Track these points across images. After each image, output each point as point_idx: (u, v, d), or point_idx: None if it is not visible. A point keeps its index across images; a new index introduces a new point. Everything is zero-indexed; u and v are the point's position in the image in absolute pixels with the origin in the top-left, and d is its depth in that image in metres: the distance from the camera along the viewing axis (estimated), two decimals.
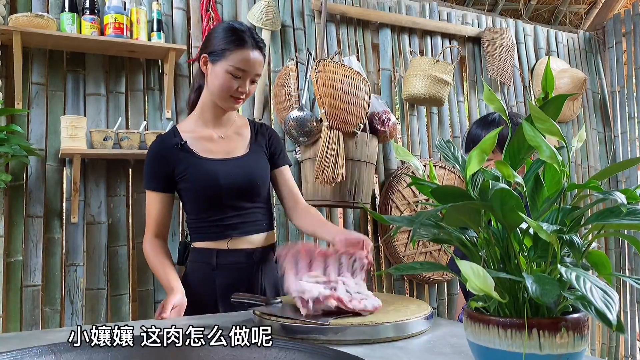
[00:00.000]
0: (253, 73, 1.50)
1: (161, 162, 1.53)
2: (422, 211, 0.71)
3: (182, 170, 1.52)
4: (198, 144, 1.55)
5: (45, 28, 2.00)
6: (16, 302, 1.99)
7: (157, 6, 2.27)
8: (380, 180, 2.81)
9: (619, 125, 3.69)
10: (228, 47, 1.47)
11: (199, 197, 1.53)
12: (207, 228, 1.55)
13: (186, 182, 1.52)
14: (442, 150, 0.82)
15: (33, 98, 2.10)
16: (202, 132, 1.58)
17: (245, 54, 1.47)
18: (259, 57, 1.50)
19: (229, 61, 1.47)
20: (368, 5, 2.95)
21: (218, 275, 1.52)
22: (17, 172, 2.04)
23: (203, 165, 1.51)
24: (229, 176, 1.51)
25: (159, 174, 1.53)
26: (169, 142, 1.55)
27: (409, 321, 0.99)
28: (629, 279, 0.64)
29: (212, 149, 1.56)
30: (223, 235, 1.53)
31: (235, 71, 1.47)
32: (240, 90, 1.50)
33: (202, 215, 1.55)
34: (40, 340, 0.93)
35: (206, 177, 1.50)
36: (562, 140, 0.65)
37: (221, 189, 1.50)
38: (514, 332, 0.62)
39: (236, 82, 1.49)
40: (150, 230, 1.55)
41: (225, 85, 1.49)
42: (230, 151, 1.58)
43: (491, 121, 1.59)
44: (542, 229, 0.60)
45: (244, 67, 1.47)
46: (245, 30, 1.50)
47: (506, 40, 3.17)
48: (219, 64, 1.48)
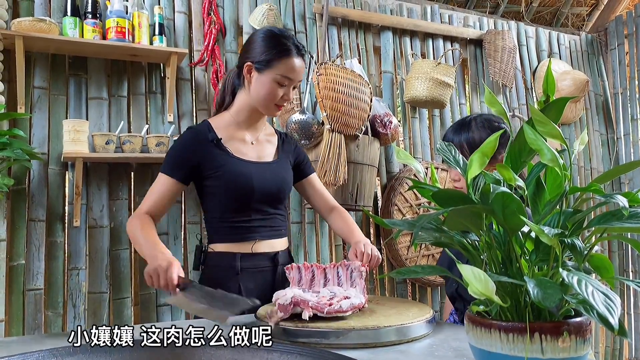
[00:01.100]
0: (297, 80, 1.53)
1: (191, 152, 1.50)
2: (423, 215, 0.70)
3: (215, 167, 1.50)
4: (231, 144, 1.54)
5: (47, 32, 2.00)
6: (18, 306, 1.99)
7: (159, 10, 2.27)
8: (382, 182, 2.81)
9: (622, 127, 3.68)
10: (274, 56, 1.48)
11: (228, 196, 1.51)
12: (230, 229, 1.53)
13: (218, 179, 1.50)
14: (443, 153, 0.82)
15: (35, 102, 2.11)
16: (235, 133, 1.57)
17: (291, 63, 1.49)
18: (302, 64, 1.53)
19: (276, 70, 1.48)
20: (369, 8, 2.95)
21: (242, 279, 1.49)
22: (19, 176, 2.05)
23: (238, 165, 1.51)
24: (261, 180, 1.51)
25: (184, 164, 1.49)
26: (203, 135, 1.53)
27: (410, 325, 0.98)
28: (631, 283, 0.64)
29: (244, 151, 1.55)
30: (247, 238, 1.52)
31: (282, 80, 1.49)
32: (285, 97, 1.53)
33: (226, 216, 1.53)
34: (42, 345, 0.93)
35: (240, 178, 1.49)
36: (564, 143, 0.65)
37: (253, 191, 1.50)
38: (516, 336, 0.62)
39: (281, 90, 1.51)
40: (145, 208, 1.46)
41: (271, 94, 1.50)
42: (261, 156, 1.59)
43: (464, 125, 1.57)
44: (544, 232, 0.60)
45: (290, 75, 1.49)
46: (288, 38, 1.51)
47: (508, 42, 3.16)
48: (266, 73, 1.49)
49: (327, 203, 1.71)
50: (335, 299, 1.07)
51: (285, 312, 1.03)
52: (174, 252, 2.29)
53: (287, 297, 1.04)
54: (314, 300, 1.05)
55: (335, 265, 1.27)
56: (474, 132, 1.52)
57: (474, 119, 1.56)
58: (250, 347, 0.72)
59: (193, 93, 2.44)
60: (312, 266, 1.27)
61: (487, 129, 1.51)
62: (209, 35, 2.40)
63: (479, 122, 1.54)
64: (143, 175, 2.27)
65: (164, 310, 2.23)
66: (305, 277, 1.25)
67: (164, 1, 2.40)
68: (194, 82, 2.43)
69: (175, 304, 1.39)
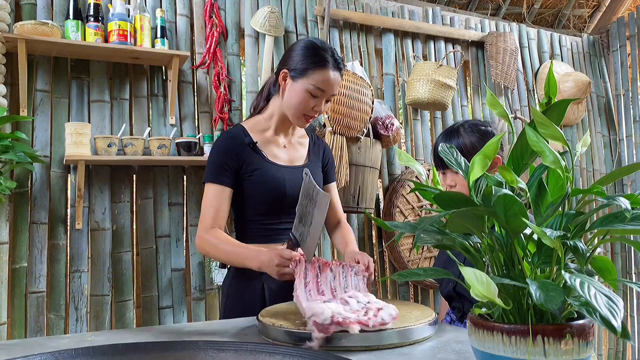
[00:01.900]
0: (330, 93, 1.50)
1: (232, 156, 1.50)
2: (425, 217, 0.70)
3: (251, 170, 1.50)
4: (266, 148, 1.55)
5: (49, 35, 2.01)
6: (21, 309, 2.00)
7: (160, 13, 2.28)
8: (384, 185, 2.81)
9: (624, 128, 3.68)
10: (310, 66, 1.46)
11: (262, 199, 1.51)
12: (260, 231, 1.53)
13: (253, 182, 1.50)
14: (444, 155, 0.82)
15: (38, 105, 2.12)
16: (268, 137, 1.57)
17: (327, 74, 1.47)
18: (338, 78, 1.50)
19: (309, 80, 1.47)
20: (371, 11, 2.95)
21: (266, 280, 1.47)
22: (21, 179, 2.05)
23: (272, 169, 1.51)
24: (293, 184, 1.50)
25: (228, 168, 1.49)
26: (240, 139, 1.53)
27: (413, 327, 0.98)
28: (634, 285, 0.64)
29: (278, 155, 1.56)
30: (276, 240, 1.52)
31: (315, 90, 1.47)
32: (316, 109, 1.51)
33: (257, 218, 1.53)
34: (44, 347, 0.93)
35: (273, 181, 1.50)
36: (565, 145, 0.65)
37: (285, 195, 1.50)
38: (518, 338, 0.62)
39: (313, 101, 1.49)
40: (209, 222, 1.46)
41: (302, 104, 1.49)
42: (293, 159, 1.59)
43: (453, 132, 1.61)
44: (546, 234, 0.60)
45: (324, 87, 1.47)
46: (327, 50, 1.49)
47: (510, 44, 3.16)
48: (300, 82, 1.48)
49: (336, 216, 1.68)
50: (370, 312, 1.03)
51: (327, 332, 0.95)
52: (176, 255, 2.29)
53: (326, 317, 0.97)
54: (353, 317, 0.99)
55: (340, 263, 1.26)
56: (464, 137, 1.57)
57: (461, 125, 1.61)
58: (253, 349, 0.72)
59: (195, 96, 2.44)
60: (318, 260, 1.25)
61: (476, 133, 1.58)
62: (211, 38, 2.41)
63: (467, 127, 1.60)
64: (145, 178, 2.27)
65: (166, 312, 2.24)
66: (312, 274, 1.22)
67: (166, 4, 2.41)
68: (195, 85, 2.44)
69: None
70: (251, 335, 1.08)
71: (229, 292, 1.53)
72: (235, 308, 1.48)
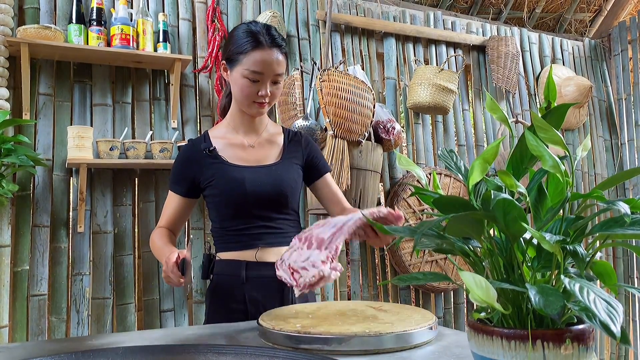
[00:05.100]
0: (272, 74, 1.40)
1: (188, 166, 1.49)
2: (425, 221, 0.70)
3: (209, 177, 1.46)
4: (228, 151, 1.49)
5: (52, 39, 2.02)
6: (22, 312, 2.00)
7: (163, 17, 2.29)
8: (385, 188, 2.81)
9: (626, 132, 3.67)
10: (240, 50, 1.38)
11: (225, 204, 1.47)
12: (232, 237, 1.48)
13: (213, 188, 1.47)
14: (444, 159, 0.82)
15: (40, 109, 2.13)
16: (232, 139, 1.52)
17: (259, 55, 1.37)
18: (277, 56, 1.39)
19: (243, 65, 1.38)
20: (372, 15, 2.96)
21: (247, 288, 1.43)
22: (24, 182, 2.06)
23: (230, 171, 1.46)
24: (256, 184, 1.44)
25: (184, 178, 1.49)
26: (198, 146, 1.50)
27: (413, 331, 0.98)
28: (635, 290, 0.64)
29: (242, 157, 1.50)
30: (249, 246, 1.46)
31: (251, 75, 1.38)
32: (261, 94, 1.41)
33: (227, 224, 1.49)
34: (45, 351, 0.94)
35: (233, 184, 1.44)
36: (565, 149, 0.65)
37: (247, 196, 1.43)
38: (517, 343, 0.62)
39: (255, 86, 1.40)
40: (162, 223, 1.51)
41: (244, 91, 1.41)
42: (261, 159, 1.51)
43: None
44: (545, 239, 0.60)
45: (260, 69, 1.38)
46: (259, 30, 1.40)
47: (511, 48, 3.17)
48: (235, 70, 1.41)
49: (341, 204, 1.57)
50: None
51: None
52: None
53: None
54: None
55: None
56: None
57: None
58: (253, 352, 0.72)
59: (197, 99, 2.45)
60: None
61: None
62: (213, 42, 2.42)
63: None
64: (147, 181, 2.27)
65: (167, 315, 2.24)
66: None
67: (169, 8, 2.42)
68: (197, 89, 2.45)
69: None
70: (251, 339, 1.07)
71: (212, 299, 1.49)
72: (218, 316, 1.43)
